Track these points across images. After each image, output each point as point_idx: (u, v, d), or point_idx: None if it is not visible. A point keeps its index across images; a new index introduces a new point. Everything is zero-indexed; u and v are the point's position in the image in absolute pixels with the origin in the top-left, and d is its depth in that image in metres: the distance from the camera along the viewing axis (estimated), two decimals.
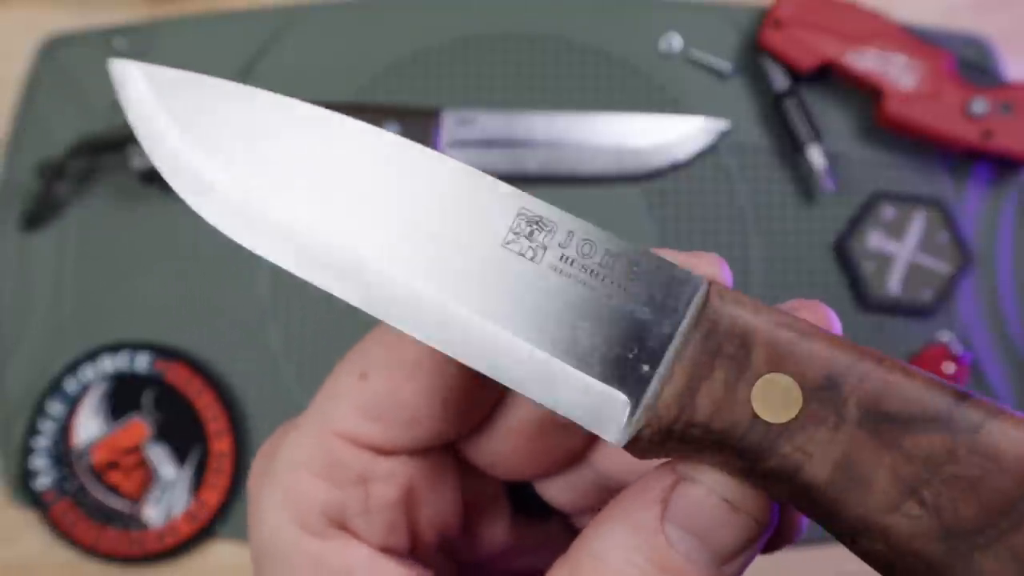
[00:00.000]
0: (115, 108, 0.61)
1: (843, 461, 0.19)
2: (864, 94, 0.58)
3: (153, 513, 0.56)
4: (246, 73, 0.61)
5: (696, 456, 0.20)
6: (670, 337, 0.20)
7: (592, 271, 0.20)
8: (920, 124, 0.56)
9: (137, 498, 0.56)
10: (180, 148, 0.21)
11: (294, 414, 0.62)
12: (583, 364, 0.20)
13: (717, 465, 0.20)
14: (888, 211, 0.57)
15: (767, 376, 0.19)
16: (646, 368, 0.20)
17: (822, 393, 0.19)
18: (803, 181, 0.58)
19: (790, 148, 0.58)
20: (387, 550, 0.24)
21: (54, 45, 0.62)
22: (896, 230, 0.57)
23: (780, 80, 0.58)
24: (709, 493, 0.20)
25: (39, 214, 0.59)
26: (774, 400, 0.19)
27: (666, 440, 0.19)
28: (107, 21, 0.62)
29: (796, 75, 0.58)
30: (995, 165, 0.58)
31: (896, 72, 0.56)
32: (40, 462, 0.57)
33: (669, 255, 0.21)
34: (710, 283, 0.20)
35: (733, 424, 0.19)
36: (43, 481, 0.57)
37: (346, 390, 0.24)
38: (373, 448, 0.24)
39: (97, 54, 0.61)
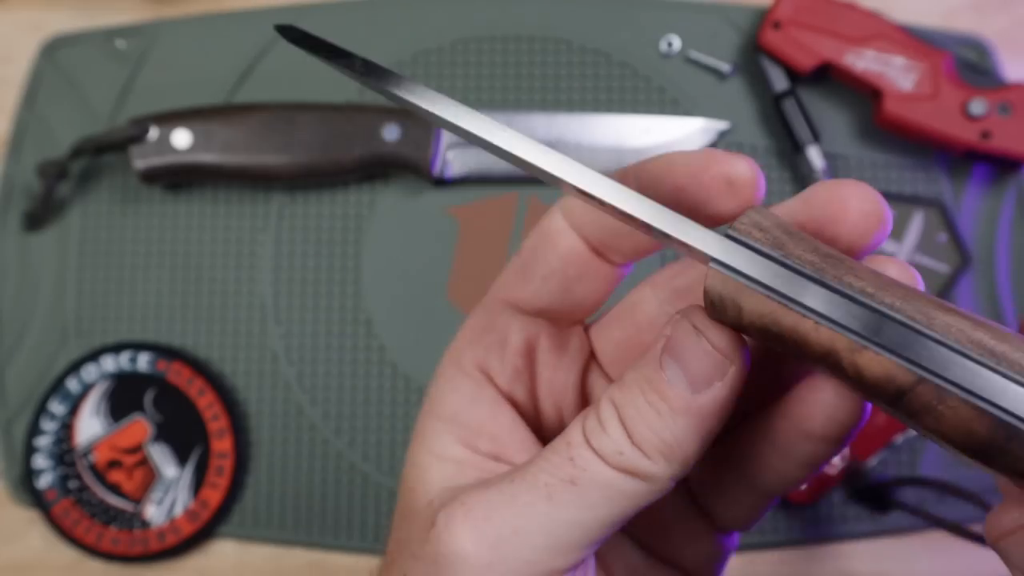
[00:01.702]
0: (117, 108, 0.61)
1: None
2: (863, 95, 0.58)
3: (154, 512, 0.56)
4: (247, 73, 0.61)
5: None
6: None
7: None
8: (919, 125, 0.56)
9: (139, 497, 0.57)
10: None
11: (294, 413, 0.62)
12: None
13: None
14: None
15: None
16: None
17: None
18: (802, 181, 0.59)
19: (789, 148, 0.59)
20: (511, 397, 0.30)
21: (56, 45, 0.62)
22: (895, 230, 0.57)
23: (779, 81, 0.58)
24: (687, 321, 0.25)
25: (41, 214, 0.59)
26: None
27: None
28: (108, 22, 0.63)
29: (795, 76, 0.58)
30: (994, 166, 0.58)
31: (895, 73, 0.56)
32: (42, 461, 0.57)
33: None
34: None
35: None
36: (45, 480, 0.57)
37: (509, 266, 0.31)
38: (517, 306, 0.30)
39: (98, 54, 0.62)
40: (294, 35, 0.26)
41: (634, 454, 0.25)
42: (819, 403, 0.26)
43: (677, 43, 0.60)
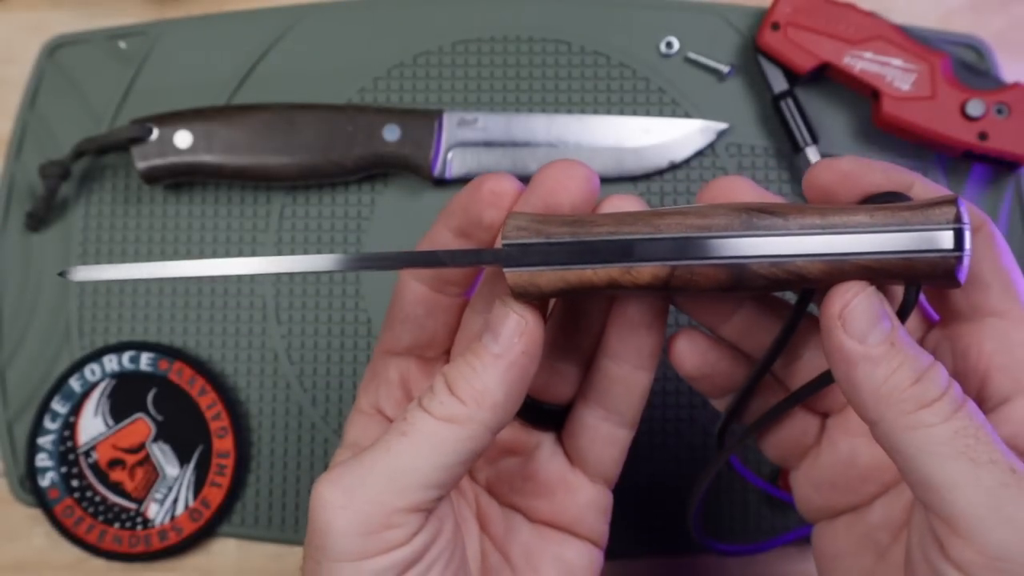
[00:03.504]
0: (119, 109, 0.61)
1: None
2: (861, 96, 0.59)
3: (156, 511, 0.57)
4: (248, 74, 0.61)
5: None
6: None
7: None
8: (917, 126, 0.56)
9: (140, 496, 0.57)
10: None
11: (296, 412, 0.63)
12: None
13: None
14: None
15: None
16: None
17: None
18: (801, 182, 0.59)
19: (788, 149, 0.59)
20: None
21: (57, 46, 0.62)
22: None
23: (778, 82, 0.58)
24: (498, 302, 0.32)
25: (43, 215, 0.59)
26: None
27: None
28: (110, 22, 0.63)
29: (794, 76, 0.58)
30: (991, 166, 0.58)
31: (893, 74, 0.57)
32: (45, 460, 0.57)
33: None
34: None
35: None
36: (48, 479, 0.57)
37: (381, 327, 0.39)
38: (390, 352, 0.39)
39: (100, 55, 0.62)
40: None
41: (452, 403, 0.31)
42: (627, 300, 0.34)
43: (676, 44, 0.60)
